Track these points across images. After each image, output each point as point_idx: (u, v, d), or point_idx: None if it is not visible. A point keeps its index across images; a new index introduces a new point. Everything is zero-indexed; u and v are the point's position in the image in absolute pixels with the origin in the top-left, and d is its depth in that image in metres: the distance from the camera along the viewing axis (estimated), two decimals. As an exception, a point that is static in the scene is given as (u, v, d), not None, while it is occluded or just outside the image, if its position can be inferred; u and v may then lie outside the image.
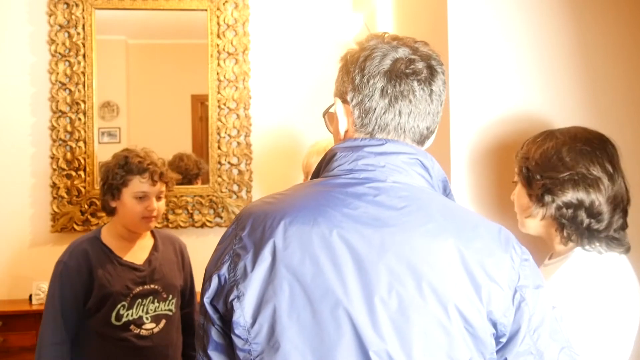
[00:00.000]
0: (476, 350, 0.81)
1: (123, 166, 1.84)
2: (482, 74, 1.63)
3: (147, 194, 1.85)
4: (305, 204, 0.86)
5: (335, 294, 0.79)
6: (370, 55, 0.91)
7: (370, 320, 0.79)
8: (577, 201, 1.21)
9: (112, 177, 1.84)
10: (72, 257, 1.82)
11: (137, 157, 1.86)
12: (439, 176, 0.93)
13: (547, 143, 1.27)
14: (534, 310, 0.85)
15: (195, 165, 3.08)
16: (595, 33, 1.66)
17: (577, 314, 1.15)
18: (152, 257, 1.92)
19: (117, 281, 1.83)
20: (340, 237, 0.82)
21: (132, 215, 1.85)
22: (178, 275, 1.98)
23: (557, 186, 1.21)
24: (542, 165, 1.25)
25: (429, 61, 0.92)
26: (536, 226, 1.29)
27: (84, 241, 1.87)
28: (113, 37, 3.10)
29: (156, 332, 1.86)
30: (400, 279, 0.80)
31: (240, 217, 0.89)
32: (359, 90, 0.92)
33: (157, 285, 1.89)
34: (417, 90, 0.90)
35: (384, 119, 0.91)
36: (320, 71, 3.00)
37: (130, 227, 1.88)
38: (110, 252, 1.86)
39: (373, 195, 0.85)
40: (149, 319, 1.86)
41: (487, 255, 0.84)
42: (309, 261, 0.81)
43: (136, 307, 1.84)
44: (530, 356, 0.85)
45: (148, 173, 1.85)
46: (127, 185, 1.84)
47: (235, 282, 0.83)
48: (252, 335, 0.81)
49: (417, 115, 0.91)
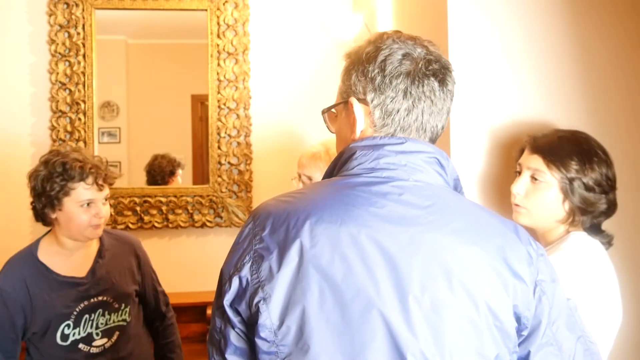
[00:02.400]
0: (503, 345, 0.83)
1: (62, 173, 1.64)
2: (482, 76, 1.63)
3: (94, 200, 1.68)
4: (328, 202, 0.85)
5: (367, 295, 0.79)
6: (390, 54, 0.91)
7: (404, 320, 0.78)
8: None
9: (50, 188, 1.64)
10: (8, 281, 1.67)
11: (77, 162, 1.66)
12: (452, 174, 0.94)
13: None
14: (553, 303, 0.88)
15: (170, 164, 3.07)
16: (594, 38, 1.66)
17: (583, 289, 1.22)
18: (97, 265, 1.75)
19: (57, 301, 1.67)
20: (369, 236, 0.81)
21: (79, 225, 1.67)
22: (131, 280, 1.84)
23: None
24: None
25: (442, 61, 0.93)
26: (548, 214, 1.34)
27: (19, 261, 1.71)
28: (113, 37, 3.09)
29: (109, 347, 1.73)
30: (432, 277, 0.80)
31: (258, 217, 0.87)
32: (381, 91, 0.91)
33: (105, 297, 1.74)
34: (437, 91, 0.91)
35: (407, 120, 0.91)
36: (320, 71, 3.00)
37: (76, 237, 1.71)
38: (47, 270, 1.69)
39: (398, 194, 0.86)
40: (99, 334, 1.72)
41: (509, 252, 0.85)
42: (339, 261, 0.80)
43: (83, 324, 1.70)
44: (551, 347, 0.87)
45: (92, 177, 1.67)
46: (70, 194, 1.65)
47: (260, 284, 0.81)
48: (279, 337, 0.80)
49: (436, 114, 0.92)
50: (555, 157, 1.31)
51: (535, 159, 1.34)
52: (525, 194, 1.35)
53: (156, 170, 3.04)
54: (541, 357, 0.87)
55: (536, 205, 1.34)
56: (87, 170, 1.67)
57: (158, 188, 2.98)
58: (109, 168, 1.76)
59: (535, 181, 1.34)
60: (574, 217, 1.31)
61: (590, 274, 1.24)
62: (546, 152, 1.33)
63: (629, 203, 1.54)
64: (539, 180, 1.33)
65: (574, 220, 1.32)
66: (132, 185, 2.98)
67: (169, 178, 3.07)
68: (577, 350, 0.90)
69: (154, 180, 3.04)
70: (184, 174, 3.15)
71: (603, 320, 1.23)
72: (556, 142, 1.33)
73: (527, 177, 1.36)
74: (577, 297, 1.18)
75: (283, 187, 1.99)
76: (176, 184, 3.09)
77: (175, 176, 3.10)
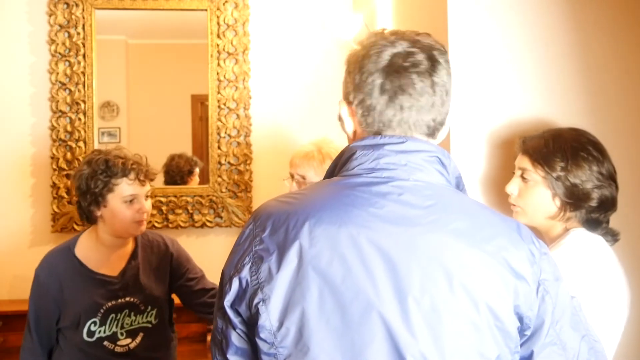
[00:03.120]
0: (505, 346, 0.82)
1: (105, 171, 1.69)
2: (482, 75, 1.63)
3: (137, 196, 1.72)
4: (328, 203, 0.85)
5: (366, 296, 0.78)
6: (367, 53, 0.91)
7: (403, 321, 0.78)
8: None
9: (95, 185, 1.68)
10: (44, 271, 1.73)
11: (119, 158, 1.71)
12: (454, 173, 0.93)
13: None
14: (556, 302, 0.87)
15: (187, 163, 3.08)
16: (595, 35, 1.66)
17: (586, 286, 1.23)
18: (129, 266, 1.78)
19: (86, 297, 1.70)
20: (369, 237, 0.81)
21: (123, 221, 1.71)
22: (162, 283, 1.85)
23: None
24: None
25: (430, 52, 0.91)
26: (544, 212, 1.37)
27: (56, 253, 1.76)
28: (113, 37, 3.09)
29: (133, 348, 1.75)
30: (432, 278, 0.80)
31: (258, 218, 0.87)
32: (360, 90, 0.91)
33: (133, 298, 1.76)
34: (417, 83, 0.89)
35: (386, 115, 0.90)
36: (320, 71, 3.00)
37: (120, 234, 1.75)
38: (82, 266, 1.73)
39: (397, 194, 0.85)
40: (123, 334, 1.74)
41: (511, 251, 0.84)
42: (338, 262, 0.79)
43: (109, 322, 1.72)
44: (555, 346, 0.86)
45: (134, 173, 1.71)
46: (114, 190, 1.69)
47: (259, 285, 0.81)
48: (279, 339, 0.80)
49: (419, 108, 0.90)
50: (539, 155, 1.36)
51: (523, 159, 1.40)
52: (518, 194, 1.40)
53: (174, 170, 3.04)
54: (545, 356, 0.86)
55: (528, 204, 1.39)
56: (129, 166, 1.71)
57: (158, 188, 2.98)
58: (149, 164, 1.79)
59: (525, 180, 1.39)
60: (565, 212, 1.34)
61: (590, 270, 1.25)
62: (531, 152, 1.38)
63: (628, 201, 1.54)
64: (527, 179, 1.38)
65: (566, 216, 1.35)
66: (132, 185, 2.98)
67: (187, 177, 3.08)
68: (582, 349, 0.89)
69: (173, 180, 3.04)
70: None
71: (606, 317, 1.23)
72: (542, 142, 1.37)
73: (518, 177, 1.41)
74: (578, 294, 1.19)
75: (283, 187, 2.00)
76: (194, 182, 3.08)
77: (193, 175, 3.10)
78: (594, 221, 1.34)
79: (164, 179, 3.05)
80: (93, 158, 1.73)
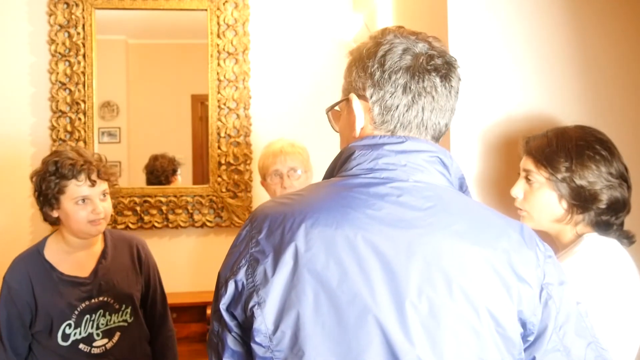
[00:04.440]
0: (506, 352, 0.80)
1: (54, 172, 1.68)
2: (482, 75, 1.63)
3: (88, 197, 1.70)
4: (325, 205, 0.82)
5: (363, 300, 0.76)
6: (390, 49, 0.89)
7: (400, 326, 0.76)
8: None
9: (46, 187, 1.68)
10: (14, 277, 1.71)
11: (68, 160, 1.69)
12: (457, 173, 0.91)
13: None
14: (560, 307, 0.84)
15: (171, 163, 3.09)
16: (594, 33, 1.66)
17: (600, 293, 1.18)
18: (99, 266, 1.78)
19: (59, 300, 1.69)
20: (366, 239, 0.79)
21: (78, 222, 1.70)
22: (134, 281, 1.85)
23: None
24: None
25: (445, 57, 0.91)
26: (551, 215, 1.32)
27: (27, 258, 1.75)
28: (113, 37, 3.10)
29: (110, 348, 1.74)
30: (431, 282, 0.78)
31: (255, 219, 0.85)
32: (380, 87, 0.89)
33: (106, 297, 1.75)
34: (439, 87, 0.88)
35: (406, 116, 0.88)
36: (320, 71, 3.00)
37: (78, 235, 1.73)
38: (51, 268, 1.73)
39: (396, 195, 0.83)
40: (100, 334, 1.73)
41: (514, 255, 0.82)
42: (334, 265, 0.78)
43: (84, 324, 1.71)
44: (558, 353, 0.84)
45: (84, 174, 1.69)
46: (64, 192, 1.69)
47: (254, 288, 0.79)
48: (274, 343, 0.78)
49: (438, 111, 0.89)
50: (542, 155, 1.30)
51: (527, 161, 1.34)
52: (524, 197, 1.35)
53: (159, 170, 3.04)
54: None
55: (534, 207, 1.33)
56: (78, 167, 1.69)
57: (158, 188, 2.98)
58: (105, 164, 1.77)
59: (529, 182, 1.33)
60: (573, 215, 1.28)
61: (607, 279, 1.19)
62: (534, 152, 1.32)
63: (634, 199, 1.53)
64: (532, 181, 1.32)
65: (574, 219, 1.29)
66: (132, 185, 2.98)
67: (171, 177, 3.09)
68: (588, 357, 0.86)
69: (158, 180, 3.05)
70: (184, 173, 3.15)
71: (625, 326, 1.18)
72: (545, 141, 1.32)
73: (523, 179, 1.35)
74: (594, 302, 1.14)
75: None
76: (177, 182, 3.10)
77: (176, 175, 3.12)
78: (604, 224, 1.27)
79: (147, 180, 3.05)
80: (46, 159, 1.73)
